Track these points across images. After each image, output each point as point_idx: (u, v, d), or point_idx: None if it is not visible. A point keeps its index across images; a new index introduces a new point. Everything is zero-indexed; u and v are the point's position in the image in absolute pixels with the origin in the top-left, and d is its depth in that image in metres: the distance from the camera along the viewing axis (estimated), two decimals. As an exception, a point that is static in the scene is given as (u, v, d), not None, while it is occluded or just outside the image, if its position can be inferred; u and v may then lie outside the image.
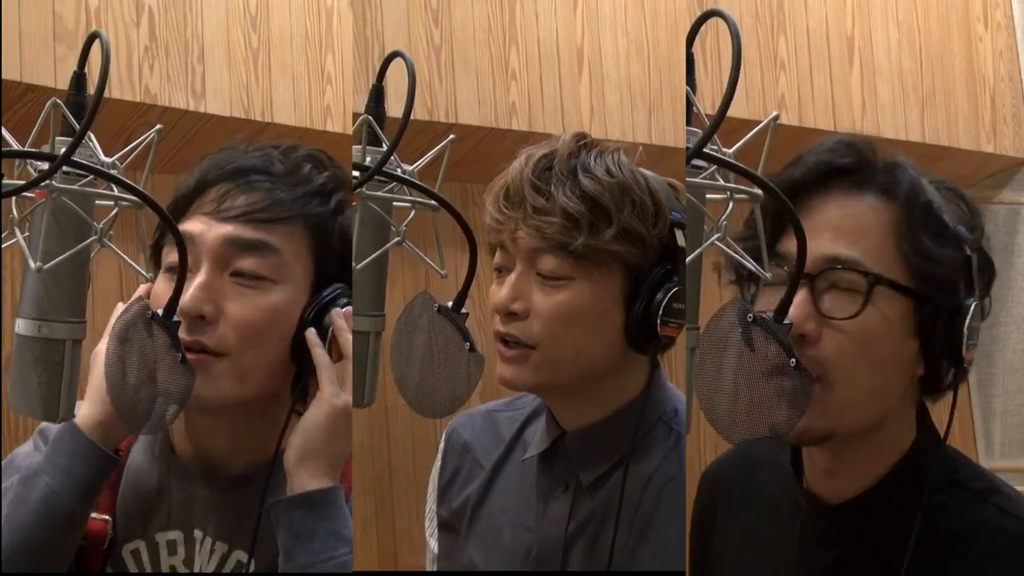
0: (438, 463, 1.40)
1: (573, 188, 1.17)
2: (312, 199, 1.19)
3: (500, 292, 1.20)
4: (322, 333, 1.16)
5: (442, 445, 1.40)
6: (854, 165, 1.07)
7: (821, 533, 1.10)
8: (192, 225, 1.16)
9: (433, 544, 1.38)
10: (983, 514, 1.06)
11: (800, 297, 1.02)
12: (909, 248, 1.03)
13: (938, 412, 1.14)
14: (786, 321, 0.97)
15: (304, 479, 1.12)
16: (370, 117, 1.21)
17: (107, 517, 1.21)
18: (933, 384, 1.08)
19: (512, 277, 1.20)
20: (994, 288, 1.11)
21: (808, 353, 1.01)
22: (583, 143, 1.22)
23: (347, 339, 1.16)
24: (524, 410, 1.35)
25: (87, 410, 1.15)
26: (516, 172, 1.20)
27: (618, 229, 1.16)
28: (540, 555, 1.25)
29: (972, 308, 1.04)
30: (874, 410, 1.05)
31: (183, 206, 1.19)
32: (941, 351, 1.04)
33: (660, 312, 1.17)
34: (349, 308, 1.18)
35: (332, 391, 1.14)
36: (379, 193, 1.22)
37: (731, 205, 1.00)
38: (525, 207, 1.18)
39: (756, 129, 1.00)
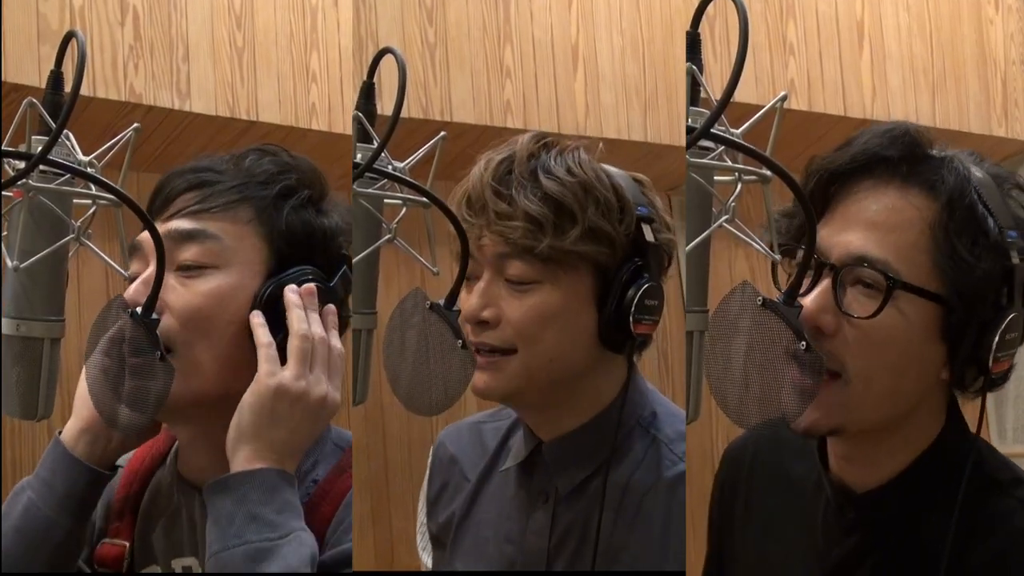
0: (426, 477, 1.38)
1: (535, 190, 1.14)
2: (255, 185, 1.15)
3: (470, 301, 1.17)
4: (278, 316, 1.10)
5: (430, 459, 1.38)
6: (900, 156, 1.03)
7: (844, 520, 1.08)
8: (143, 233, 1.12)
9: (426, 559, 1.36)
10: (1006, 505, 1.04)
11: (821, 288, 1.00)
12: (942, 252, 0.99)
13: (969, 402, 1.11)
14: (796, 304, 0.95)
15: (238, 465, 1.05)
16: (360, 114, 1.20)
17: (125, 543, 1.19)
18: (959, 388, 1.06)
19: (481, 285, 1.17)
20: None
21: (825, 347, 0.98)
22: (542, 143, 1.19)
23: (297, 315, 1.09)
24: (507, 420, 1.32)
25: (70, 422, 1.14)
26: (476, 178, 1.17)
27: (584, 229, 1.13)
28: (524, 567, 1.22)
29: (1009, 320, 0.99)
30: (887, 411, 1.03)
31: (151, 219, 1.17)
32: (967, 360, 1.01)
33: (632, 310, 1.14)
34: (310, 284, 1.12)
35: (268, 370, 1.06)
36: (370, 190, 1.21)
37: (739, 187, 0.98)
38: (488, 213, 1.15)
39: (764, 109, 0.98)
